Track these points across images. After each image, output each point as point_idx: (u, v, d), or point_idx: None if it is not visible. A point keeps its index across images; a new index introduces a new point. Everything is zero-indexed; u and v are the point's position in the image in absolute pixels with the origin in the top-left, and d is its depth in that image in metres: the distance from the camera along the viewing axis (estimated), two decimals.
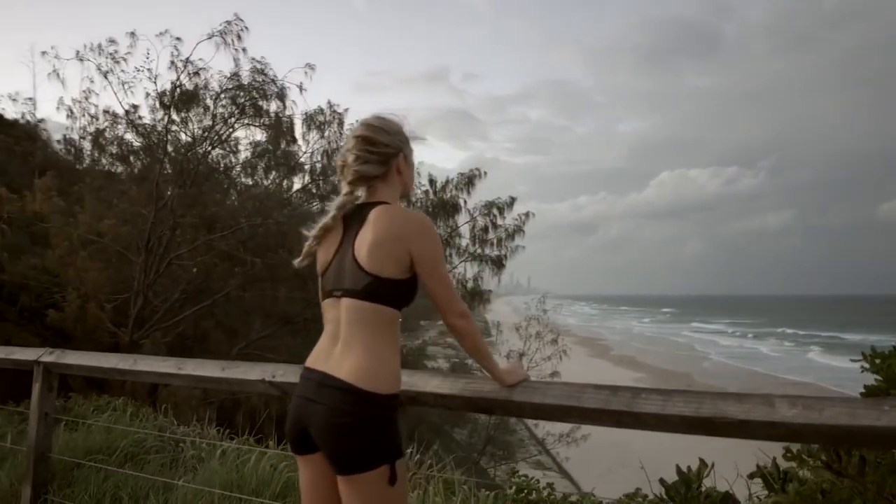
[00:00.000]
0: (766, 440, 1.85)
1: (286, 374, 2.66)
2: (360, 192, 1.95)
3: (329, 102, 14.11)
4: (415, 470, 3.39)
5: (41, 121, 19.95)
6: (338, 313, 1.82)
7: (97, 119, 11.45)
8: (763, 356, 44.87)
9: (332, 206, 1.94)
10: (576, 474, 17.74)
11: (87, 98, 11.50)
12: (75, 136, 12.06)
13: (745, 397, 1.78)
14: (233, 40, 10.66)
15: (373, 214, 1.83)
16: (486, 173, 15.39)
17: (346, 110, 14.36)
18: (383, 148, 1.91)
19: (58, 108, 11.84)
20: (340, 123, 14.38)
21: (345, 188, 1.93)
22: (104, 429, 4.20)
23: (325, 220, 1.93)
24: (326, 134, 14.25)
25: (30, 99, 22.20)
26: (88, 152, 12.47)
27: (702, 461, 2.54)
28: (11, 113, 20.53)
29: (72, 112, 12.07)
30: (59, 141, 15.77)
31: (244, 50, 11.07)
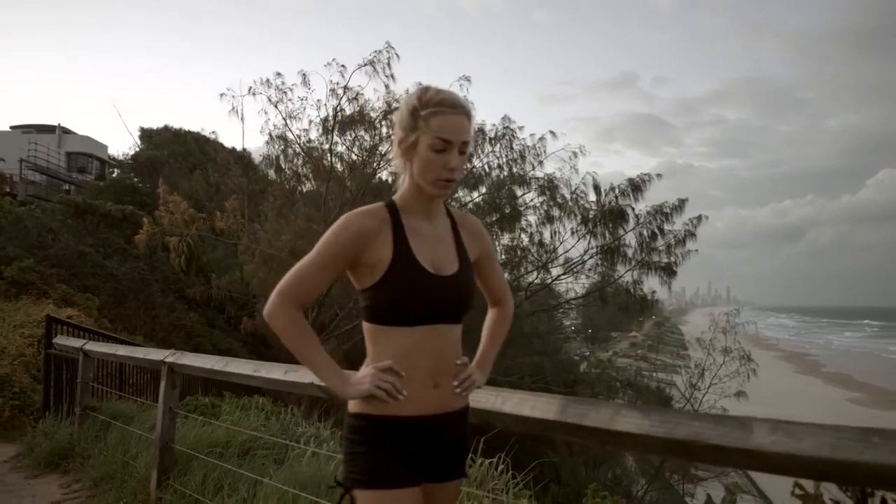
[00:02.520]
0: (747, 469, 1.59)
1: None
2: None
3: (505, 117, 14.51)
4: None
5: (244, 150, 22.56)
6: None
7: (273, 145, 12.77)
8: None
9: None
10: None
11: (266, 128, 12.86)
12: (262, 163, 13.58)
13: (724, 419, 1.55)
14: (383, 67, 11.35)
15: None
16: (659, 176, 14.68)
17: (522, 127, 14.65)
18: (395, 127, 1.68)
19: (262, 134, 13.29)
20: (511, 138, 14.63)
21: None
22: (227, 426, 4.63)
23: None
24: (496, 149, 14.58)
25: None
26: (273, 174, 13.91)
27: None
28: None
29: (272, 138, 13.59)
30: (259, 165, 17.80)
31: (392, 76, 11.77)
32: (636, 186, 14.12)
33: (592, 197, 14.28)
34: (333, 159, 12.40)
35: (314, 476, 3.52)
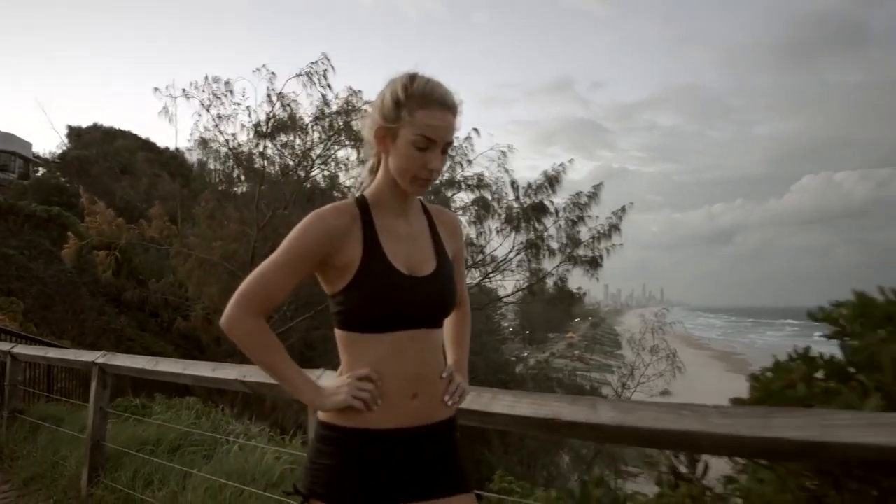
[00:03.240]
0: (594, 441, 1.96)
1: (255, 374, 3.05)
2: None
3: None
4: None
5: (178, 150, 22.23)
6: None
7: (205, 147, 12.84)
8: None
9: None
10: None
11: (195, 131, 12.89)
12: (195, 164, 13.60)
13: (579, 400, 1.91)
14: (319, 79, 11.65)
15: None
16: (571, 161, 15.40)
17: None
18: (372, 112, 1.53)
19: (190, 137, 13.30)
20: None
21: None
22: (158, 423, 4.81)
23: None
24: None
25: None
26: (205, 176, 13.93)
27: None
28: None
29: (204, 142, 13.56)
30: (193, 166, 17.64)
31: (329, 86, 12.06)
32: (552, 179, 14.75)
33: (512, 195, 14.81)
34: (266, 163, 12.52)
35: (241, 467, 3.77)
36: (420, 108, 1.43)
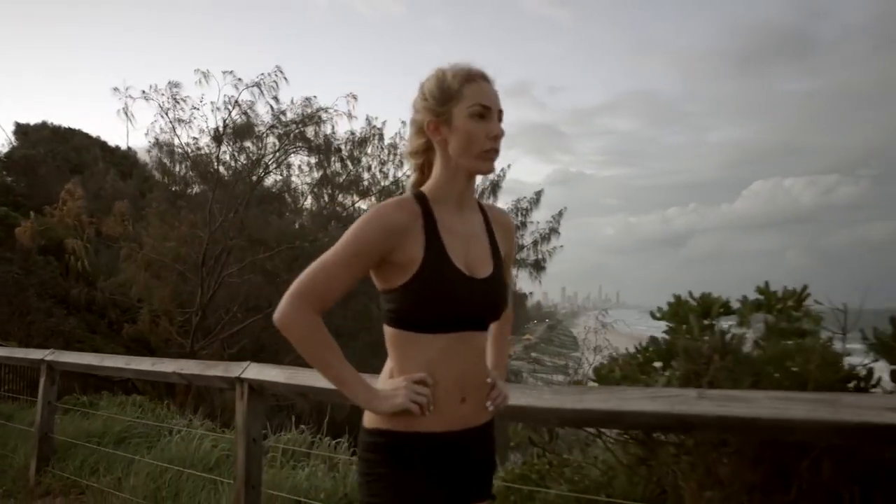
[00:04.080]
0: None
1: (191, 367, 3.42)
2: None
3: (367, 118, 15.25)
4: None
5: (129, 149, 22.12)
6: None
7: (160, 148, 13.03)
8: None
9: None
10: None
11: (152, 132, 13.07)
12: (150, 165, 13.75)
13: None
14: (271, 88, 12.04)
15: None
16: (509, 166, 15.87)
17: (385, 122, 15.36)
18: (415, 115, 1.54)
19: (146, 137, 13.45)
20: (381, 137, 15.40)
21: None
22: (105, 416, 5.12)
23: None
24: (369, 150, 15.30)
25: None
26: (159, 177, 14.08)
27: None
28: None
29: (158, 143, 13.69)
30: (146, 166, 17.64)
31: (276, 98, 12.48)
32: (494, 185, 15.39)
33: None
34: (220, 167, 12.76)
35: (181, 454, 4.13)
36: (467, 83, 1.46)
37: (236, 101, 12.21)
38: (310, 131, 13.21)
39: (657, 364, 2.53)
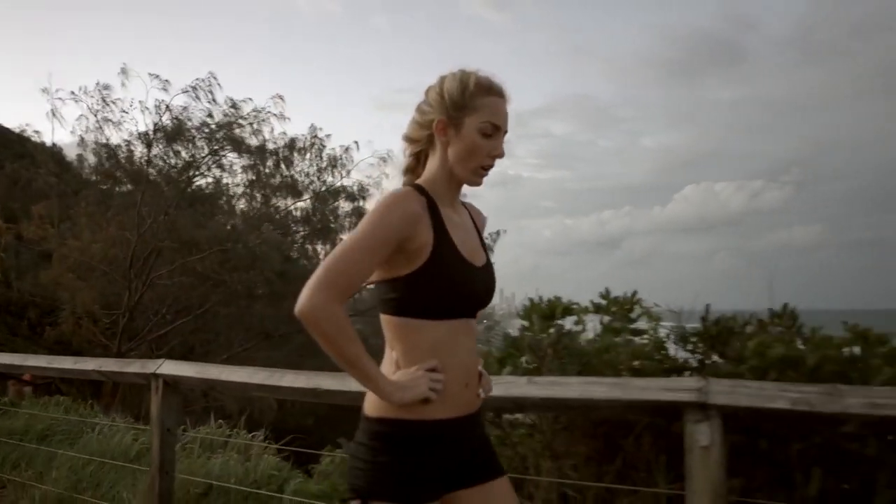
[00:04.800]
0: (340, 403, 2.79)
1: (110, 365, 3.70)
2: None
3: (312, 126, 15.49)
4: None
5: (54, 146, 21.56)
6: None
7: (91, 148, 12.96)
8: None
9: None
10: None
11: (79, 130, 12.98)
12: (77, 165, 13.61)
13: (339, 374, 2.72)
14: (206, 93, 12.21)
15: None
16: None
17: (329, 136, 15.63)
18: (426, 107, 1.56)
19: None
20: (321, 148, 15.65)
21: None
22: (27, 415, 5.29)
23: None
24: (308, 157, 15.51)
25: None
26: (87, 176, 13.95)
27: None
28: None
29: (85, 142, 13.53)
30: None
31: (214, 101, 12.64)
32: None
33: None
34: (151, 169, 12.77)
35: (102, 448, 4.37)
36: (486, 96, 1.49)
37: (167, 106, 12.29)
38: (241, 133, 13.35)
39: (523, 357, 3.01)
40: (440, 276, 1.44)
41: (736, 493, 2.28)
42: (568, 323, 2.77)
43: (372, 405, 1.48)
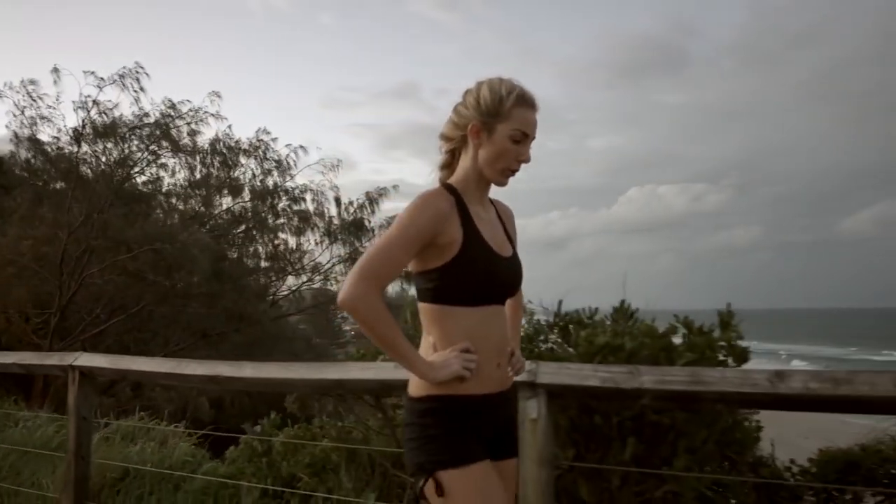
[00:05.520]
0: (258, 390, 3.11)
1: (30, 358, 3.93)
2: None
3: (260, 129, 15.70)
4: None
5: None
6: None
7: (20, 146, 12.81)
8: None
9: None
10: None
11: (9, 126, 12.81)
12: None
13: (240, 363, 3.03)
14: (132, 83, 12.22)
15: None
16: (395, 188, 16.59)
17: (275, 139, 15.79)
18: (462, 109, 1.70)
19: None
20: (266, 149, 15.75)
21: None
22: None
23: None
24: (252, 160, 15.62)
25: None
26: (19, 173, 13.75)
27: None
28: None
29: (17, 138, 13.31)
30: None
31: (142, 90, 12.57)
32: (373, 199, 16.16)
33: (335, 210, 16.03)
34: (82, 167, 12.69)
35: (24, 439, 4.56)
36: (518, 106, 1.63)
37: (95, 101, 12.24)
38: (178, 133, 13.38)
39: None
40: (471, 266, 1.59)
41: (570, 459, 2.70)
42: None
43: (415, 387, 1.64)
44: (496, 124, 1.62)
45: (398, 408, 3.18)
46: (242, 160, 15.24)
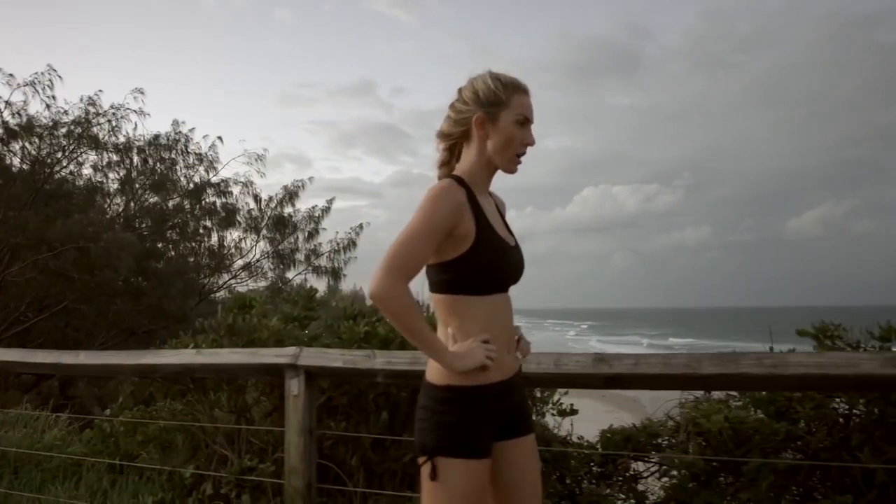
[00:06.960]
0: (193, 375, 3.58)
1: None
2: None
3: (175, 121, 15.78)
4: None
5: None
6: None
7: None
8: None
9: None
10: None
11: None
12: None
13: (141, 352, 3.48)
14: (44, 87, 12.39)
15: None
16: (311, 179, 16.85)
17: (192, 129, 15.93)
18: (461, 105, 1.74)
19: None
20: (187, 142, 15.90)
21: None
22: None
23: None
24: (173, 154, 15.71)
25: None
26: None
27: None
28: None
29: None
30: None
31: (53, 97, 12.73)
32: (292, 194, 16.42)
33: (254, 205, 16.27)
34: None
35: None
36: (516, 93, 1.70)
37: (7, 102, 12.34)
38: (99, 131, 13.52)
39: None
40: (485, 256, 1.63)
41: (332, 429, 3.23)
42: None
43: (436, 375, 1.66)
44: (499, 113, 1.68)
45: (218, 391, 3.69)
46: (164, 155, 15.32)
